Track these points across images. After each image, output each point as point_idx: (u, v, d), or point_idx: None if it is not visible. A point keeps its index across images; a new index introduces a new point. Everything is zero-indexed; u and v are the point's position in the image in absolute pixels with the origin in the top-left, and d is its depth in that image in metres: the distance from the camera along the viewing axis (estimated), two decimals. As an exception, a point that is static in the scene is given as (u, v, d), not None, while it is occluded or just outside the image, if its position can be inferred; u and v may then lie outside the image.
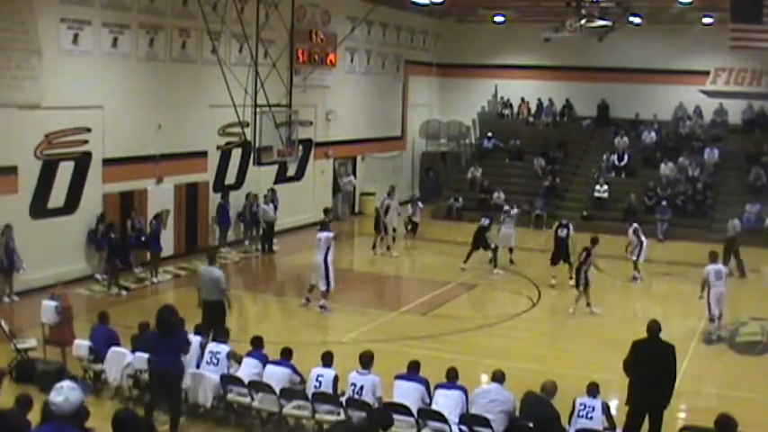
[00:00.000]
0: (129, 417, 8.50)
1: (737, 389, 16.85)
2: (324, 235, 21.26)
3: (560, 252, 25.03)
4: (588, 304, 21.87)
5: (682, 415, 14.79)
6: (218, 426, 13.99)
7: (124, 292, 22.73)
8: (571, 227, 25.50)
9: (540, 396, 12.11)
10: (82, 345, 15.45)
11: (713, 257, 20.48)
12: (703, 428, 11.66)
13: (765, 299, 21.25)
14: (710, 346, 19.49)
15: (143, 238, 24.40)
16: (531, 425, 11.93)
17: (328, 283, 21.09)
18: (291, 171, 32.31)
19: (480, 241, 26.83)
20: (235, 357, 14.46)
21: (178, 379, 13.46)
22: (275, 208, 29.43)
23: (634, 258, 25.69)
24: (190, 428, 13.96)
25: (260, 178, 29.86)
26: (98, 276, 23.71)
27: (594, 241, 22.59)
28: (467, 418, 12.30)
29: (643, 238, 25.76)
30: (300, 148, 29.79)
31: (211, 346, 14.46)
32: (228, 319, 17.19)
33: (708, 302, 19.88)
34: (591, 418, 11.99)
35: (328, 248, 21.04)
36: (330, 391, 13.14)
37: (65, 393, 6.74)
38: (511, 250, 27.20)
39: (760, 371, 18.20)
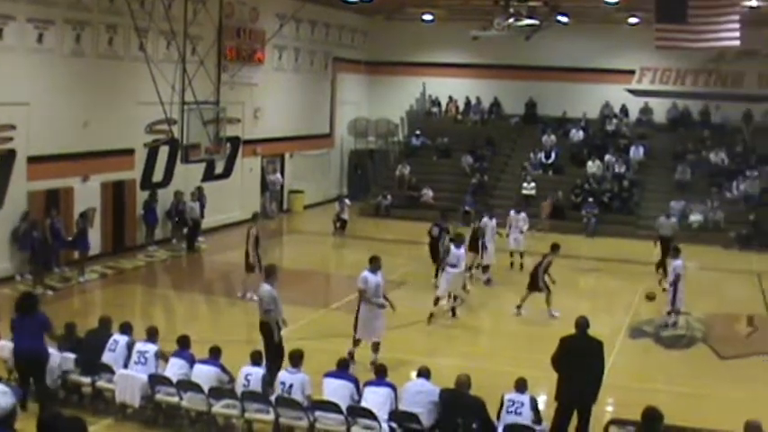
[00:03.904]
0: (54, 419, 8.35)
1: (664, 382, 17.18)
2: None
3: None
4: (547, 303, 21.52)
5: (609, 409, 15.00)
6: (147, 426, 13.80)
7: (50, 292, 22.30)
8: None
9: (458, 391, 12.13)
10: (6, 346, 15.13)
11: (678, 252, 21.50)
12: (631, 421, 11.84)
13: (690, 294, 21.60)
14: (637, 341, 19.88)
15: (68, 238, 24.00)
16: (459, 420, 11.97)
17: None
18: (219, 169, 32.08)
19: (435, 253, 24.91)
20: (163, 357, 14.30)
21: (42, 359, 13.53)
22: (202, 206, 29.20)
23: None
24: (117, 429, 13.81)
25: (187, 176, 29.61)
26: (17, 277, 23.28)
27: (554, 248, 21.99)
28: (396, 415, 12.33)
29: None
30: (228, 145, 29.67)
31: (139, 345, 14.26)
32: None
33: (676, 294, 20.62)
34: (519, 413, 12.06)
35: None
36: (259, 389, 13.08)
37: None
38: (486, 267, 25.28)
39: (685, 364, 18.62)
